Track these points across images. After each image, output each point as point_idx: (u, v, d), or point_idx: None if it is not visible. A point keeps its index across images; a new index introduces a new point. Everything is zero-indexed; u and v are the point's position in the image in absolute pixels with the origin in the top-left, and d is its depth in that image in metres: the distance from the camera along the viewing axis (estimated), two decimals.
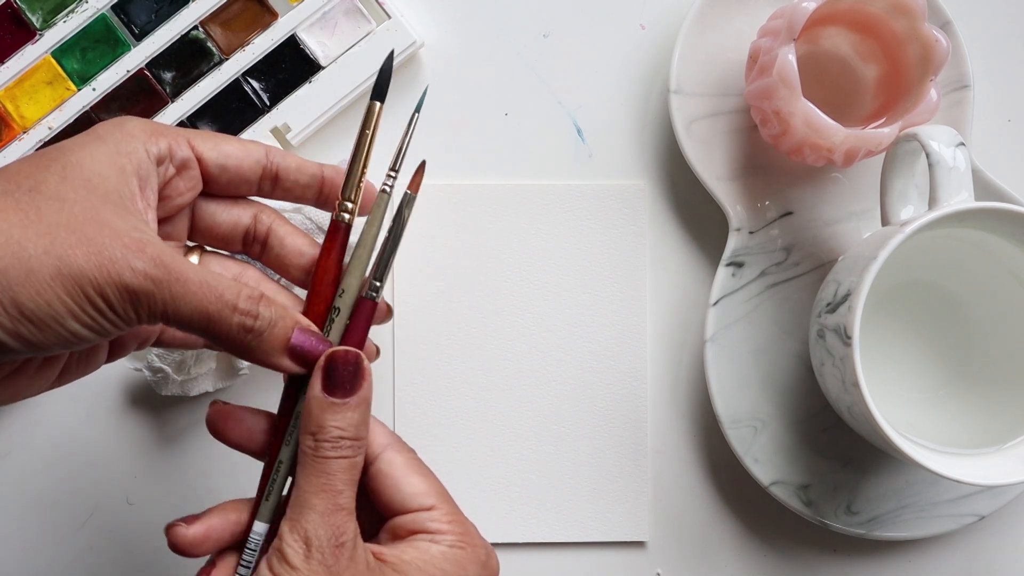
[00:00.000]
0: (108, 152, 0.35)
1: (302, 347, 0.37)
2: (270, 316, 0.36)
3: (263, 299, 0.36)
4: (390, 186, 0.40)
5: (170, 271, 0.34)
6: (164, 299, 0.34)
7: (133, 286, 0.33)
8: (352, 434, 0.37)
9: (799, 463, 0.51)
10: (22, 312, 0.32)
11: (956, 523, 0.51)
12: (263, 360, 0.37)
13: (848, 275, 0.45)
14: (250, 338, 0.36)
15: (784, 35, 0.45)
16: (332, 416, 0.37)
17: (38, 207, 0.33)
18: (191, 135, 0.38)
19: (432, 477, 0.40)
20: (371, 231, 0.40)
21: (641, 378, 0.52)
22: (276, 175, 0.40)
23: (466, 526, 0.39)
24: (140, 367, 0.50)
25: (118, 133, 0.36)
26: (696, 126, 0.51)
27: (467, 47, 0.53)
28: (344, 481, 0.37)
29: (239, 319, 0.35)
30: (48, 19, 0.52)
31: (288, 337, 0.37)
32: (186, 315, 0.34)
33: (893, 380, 0.50)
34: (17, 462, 0.52)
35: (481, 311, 0.52)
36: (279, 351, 0.37)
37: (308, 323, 0.38)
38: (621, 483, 0.52)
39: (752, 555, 0.53)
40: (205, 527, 0.39)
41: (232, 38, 0.52)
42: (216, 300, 0.35)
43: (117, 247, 0.33)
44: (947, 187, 0.44)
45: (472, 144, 0.53)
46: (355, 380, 0.37)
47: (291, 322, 0.37)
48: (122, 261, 0.33)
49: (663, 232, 0.53)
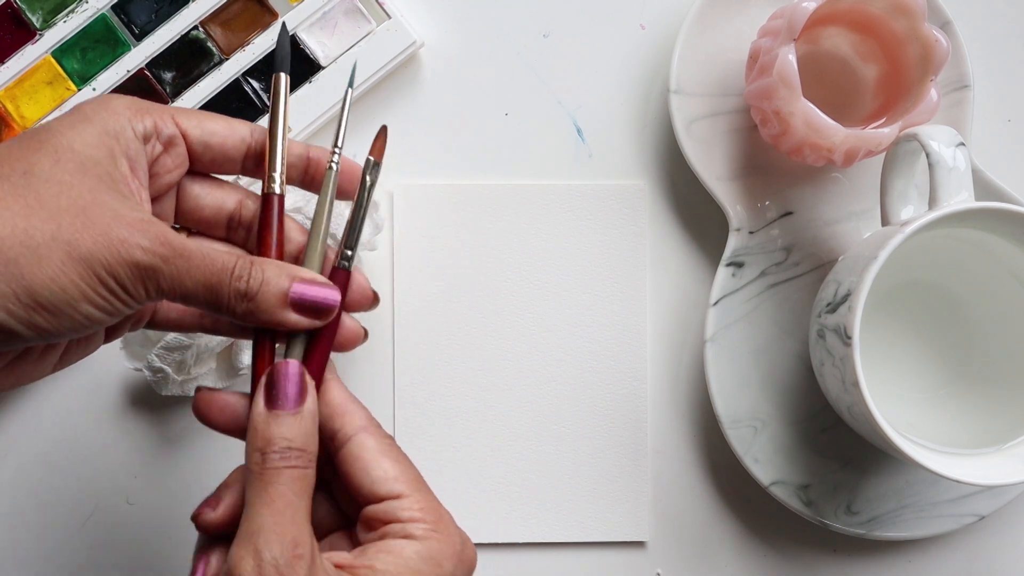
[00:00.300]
0: (96, 133, 0.35)
1: (302, 296, 0.37)
2: (261, 276, 0.36)
3: (255, 262, 0.36)
4: (335, 162, 0.39)
5: (174, 247, 0.34)
6: (171, 274, 0.34)
7: (144, 264, 0.34)
8: (300, 444, 0.36)
9: (799, 463, 0.51)
10: (37, 301, 0.33)
11: (956, 523, 0.51)
12: (268, 320, 0.36)
13: (848, 275, 0.45)
14: (247, 302, 0.36)
15: (784, 35, 0.45)
16: (278, 428, 0.36)
17: (37, 192, 0.33)
18: (175, 112, 0.38)
19: (406, 463, 0.38)
20: (321, 209, 0.39)
21: (641, 378, 0.52)
22: (260, 154, 0.39)
23: (439, 513, 0.38)
24: (140, 367, 0.50)
25: (104, 112, 0.36)
26: (696, 126, 0.51)
27: (467, 47, 0.53)
28: (296, 492, 0.35)
29: (235, 285, 0.36)
30: (48, 19, 0.52)
31: (285, 291, 0.36)
32: (191, 288, 0.35)
33: (893, 380, 0.50)
34: (17, 462, 0.52)
35: (481, 311, 0.52)
36: (279, 307, 0.36)
37: (310, 274, 0.37)
38: (621, 483, 0.52)
39: (752, 555, 0.53)
40: (229, 507, 0.38)
41: (232, 38, 0.52)
42: (218, 270, 0.35)
43: (122, 227, 0.34)
44: (947, 187, 0.44)
45: (472, 144, 0.53)
46: (299, 392, 0.36)
47: (286, 277, 0.37)
48: (130, 240, 0.33)
49: (663, 232, 0.53)
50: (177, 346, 0.49)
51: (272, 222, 0.39)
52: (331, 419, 0.38)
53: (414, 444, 0.52)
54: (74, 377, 0.52)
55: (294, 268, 0.37)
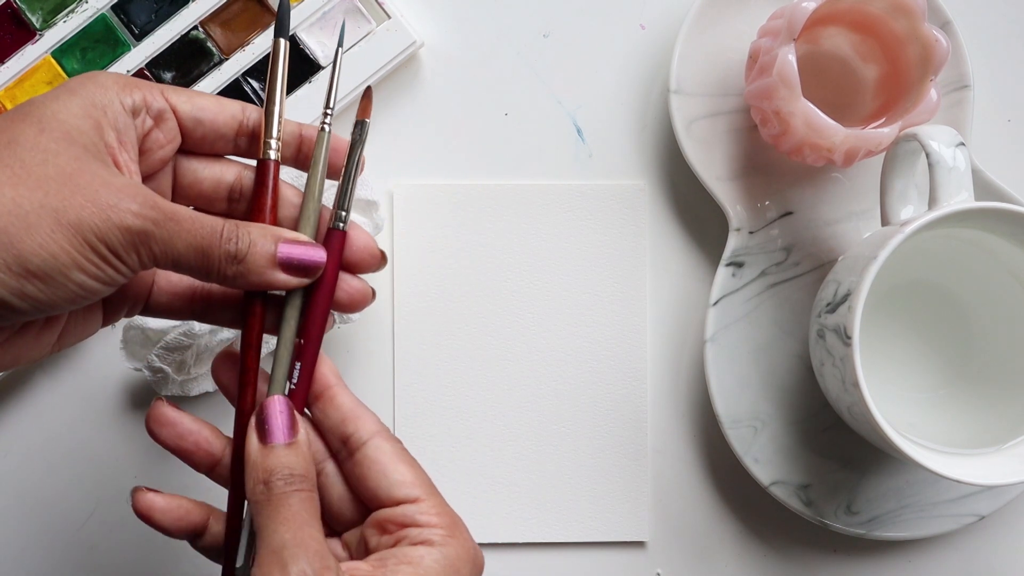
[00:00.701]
0: (82, 104, 0.35)
1: (289, 256, 0.37)
2: (249, 237, 0.36)
3: (240, 225, 0.37)
4: (327, 123, 0.40)
5: (164, 211, 0.34)
6: (163, 238, 0.34)
7: (135, 228, 0.34)
8: (302, 471, 0.37)
9: (799, 463, 0.51)
10: (27, 269, 0.32)
11: (956, 523, 0.51)
12: (257, 282, 0.37)
13: (848, 275, 0.45)
14: (237, 265, 0.36)
15: (784, 35, 0.45)
16: (277, 459, 0.36)
17: (22, 160, 0.33)
18: (164, 88, 0.38)
19: (420, 468, 0.39)
20: (314, 173, 0.40)
21: (641, 378, 0.52)
22: (252, 132, 0.39)
23: (454, 519, 0.38)
24: (140, 367, 0.50)
25: (91, 85, 0.36)
26: (696, 126, 0.51)
27: (467, 47, 0.53)
28: (308, 512, 0.36)
29: (224, 247, 0.36)
30: (48, 19, 0.52)
31: (273, 253, 0.37)
32: (182, 252, 0.35)
33: (893, 380, 0.50)
34: (17, 462, 0.52)
35: (481, 311, 0.52)
36: (268, 267, 0.37)
37: (295, 235, 0.38)
38: (621, 483, 0.52)
39: (752, 555, 0.53)
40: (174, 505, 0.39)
41: (232, 38, 0.52)
42: (209, 234, 0.35)
43: (111, 193, 0.33)
44: (947, 187, 0.44)
45: (472, 144, 0.53)
46: (290, 424, 0.37)
47: (272, 238, 0.37)
48: (120, 205, 0.33)
49: (663, 232, 0.53)
50: (177, 346, 0.49)
51: (267, 187, 0.39)
52: (343, 423, 0.39)
53: (414, 444, 0.52)
54: (74, 377, 0.52)
55: (278, 230, 0.38)
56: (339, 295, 0.40)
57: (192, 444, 0.40)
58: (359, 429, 0.39)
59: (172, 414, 0.40)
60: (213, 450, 0.40)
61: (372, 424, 0.39)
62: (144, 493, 0.39)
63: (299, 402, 0.39)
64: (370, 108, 0.41)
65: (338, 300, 0.40)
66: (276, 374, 0.39)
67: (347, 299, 0.40)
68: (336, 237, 0.39)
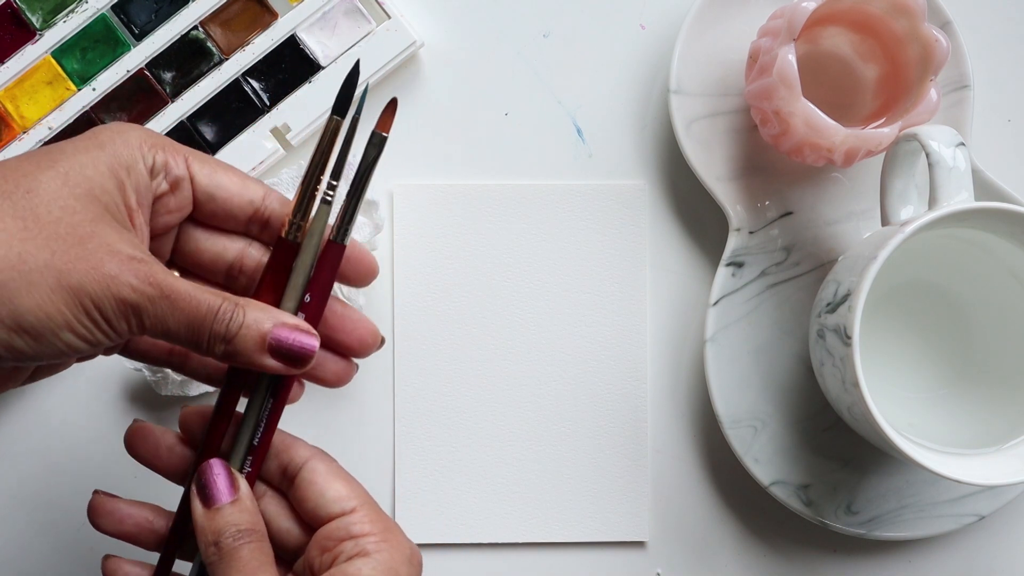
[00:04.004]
0: (108, 161, 0.36)
1: (280, 341, 0.37)
2: (242, 318, 0.36)
3: (239, 303, 0.36)
4: (331, 196, 0.39)
5: (161, 288, 0.35)
6: (155, 313, 0.35)
7: (130, 301, 0.34)
8: (248, 525, 0.37)
9: (799, 463, 0.51)
10: (20, 325, 0.33)
11: (956, 523, 0.51)
12: (246, 362, 0.37)
13: (848, 275, 0.45)
14: (226, 344, 0.36)
15: (784, 35, 0.45)
16: (223, 519, 0.37)
17: (36, 214, 0.34)
18: (190, 154, 0.38)
19: (354, 482, 0.40)
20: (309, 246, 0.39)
21: (641, 378, 0.52)
22: (267, 220, 0.39)
23: (388, 524, 0.39)
24: (140, 367, 0.50)
25: (119, 140, 0.36)
26: (696, 126, 0.51)
27: (467, 47, 0.53)
28: (260, 560, 0.37)
29: (216, 327, 0.36)
30: (48, 19, 0.52)
31: (264, 334, 0.36)
32: (173, 328, 0.35)
33: (893, 380, 0.50)
34: (17, 462, 0.52)
35: (481, 311, 0.52)
36: (257, 351, 0.37)
37: (293, 319, 0.37)
38: (621, 483, 0.52)
39: (752, 555, 0.53)
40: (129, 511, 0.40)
41: (232, 38, 0.52)
42: (204, 313, 0.36)
43: (115, 263, 0.34)
44: (947, 187, 0.44)
45: (472, 144, 0.53)
46: (229, 483, 0.38)
47: (267, 320, 0.37)
48: (120, 277, 0.34)
49: (663, 232, 0.53)
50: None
51: (282, 270, 0.38)
52: (277, 456, 0.40)
53: (414, 444, 0.52)
54: (74, 377, 0.52)
55: (278, 313, 0.37)
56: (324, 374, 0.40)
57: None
58: (293, 457, 0.40)
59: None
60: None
61: (305, 450, 0.40)
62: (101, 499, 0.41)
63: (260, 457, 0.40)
64: (392, 122, 0.39)
65: (324, 379, 0.40)
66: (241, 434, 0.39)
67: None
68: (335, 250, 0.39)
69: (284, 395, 0.39)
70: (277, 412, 0.39)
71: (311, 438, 0.52)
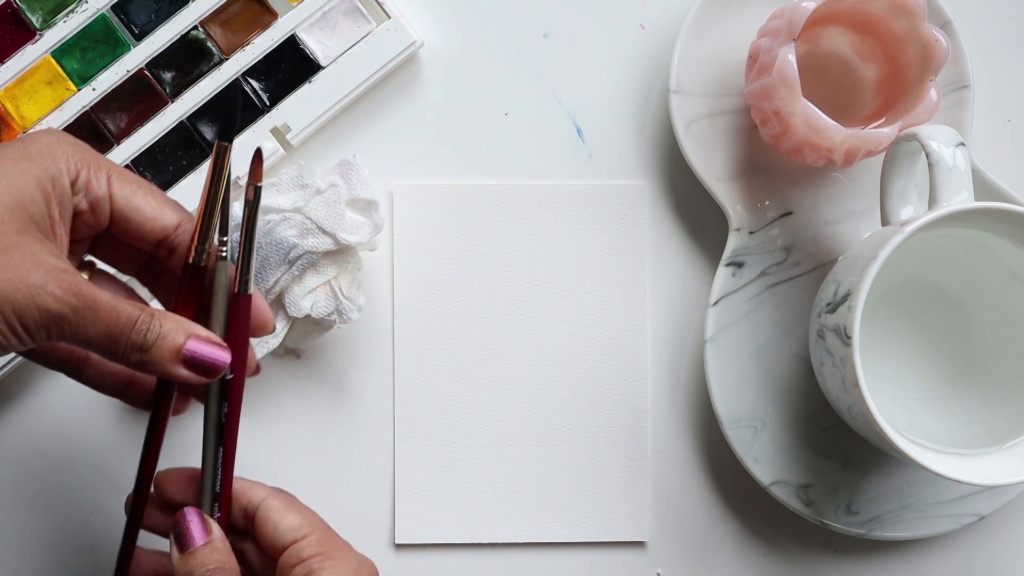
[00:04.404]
0: (36, 173, 0.37)
1: (194, 353, 0.39)
2: (159, 329, 0.38)
3: (156, 314, 0.38)
4: (224, 253, 0.41)
5: (84, 299, 0.36)
6: (76, 323, 0.37)
7: (54, 311, 0.36)
8: (219, 563, 0.40)
9: (799, 463, 0.51)
10: None
11: (956, 523, 0.51)
12: (160, 372, 0.39)
13: (848, 275, 0.45)
14: (141, 354, 0.38)
15: (784, 35, 0.45)
16: (195, 561, 0.40)
17: None
18: (113, 172, 0.40)
19: (306, 512, 0.43)
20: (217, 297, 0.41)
21: (641, 378, 0.52)
22: (175, 247, 0.41)
23: (336, 543, 0.42)
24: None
25: (47, 154, 0.38)
26: (696, 126, 0.51)
27: (467, 47, 0.53)
28: None
29: (132, 337, 0.38)
30: (48, 19, 0.52)
31: (179, 347, 0.39)
32: (92, 336, 0.37)
33: (893, 380, 0.50)
34: (17, 462, 0.52)
35: (481, 311, 0.52)
36: (171, 361, 0.39)
37: (205, 332, 0.40)
38: (621, 483, 0.52)
39: (752, 555, 0.53)
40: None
41: (232, 38, 0.52)
42: (123, 323, 0.37)
43: (39, 273, 0.36)
44: (947, 187, 0.44)
45: (472, 144, 0.53)
46: (202, 528, 0.41)
47: (182, 333, 0.39)
48: (44, 287, 0.36)
49: (663, 232, 0.53)
50: None
51: (196, 288, 0.41)
52: (237, 500, 0.43)
53: (414, 444, 0.52)
54: None
55: (192, 325, 0.39)
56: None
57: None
58: (251, 499, 0.43)
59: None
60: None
61: (262, 491, 0.43)
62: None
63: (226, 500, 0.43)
64: (261, 171, 0.42)
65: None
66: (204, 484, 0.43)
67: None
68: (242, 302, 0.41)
69: (233, 439, 0.42)
70: (229, 456, 0.42)
71: (311, 439, 0.52)
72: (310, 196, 0.49)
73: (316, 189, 0.49)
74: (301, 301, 0.48)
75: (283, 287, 0.48)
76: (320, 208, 0.48)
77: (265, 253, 0.48)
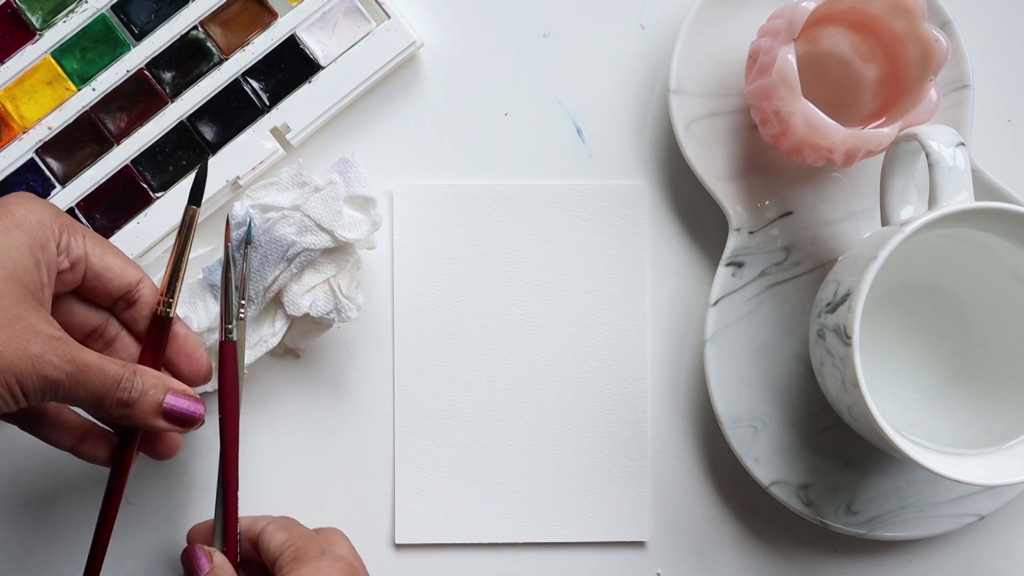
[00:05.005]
0: (27, 241, 0.40)
1: (172, 407, 0.43)
2: (141, 386, 0.42)
3: (137, 372, 0.42)
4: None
5: (77, 363, 0.40)
6: (70, 387, 0.40)
7: (52, 378, 0.39)
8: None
9: (799, 463, 0.51)
10: None
11: (956, 523, 0.51)
12: (142, 424, 0.43)
13: (848, 275, 0.45)
14: (124, 409, 0.42)
15: (784, 35, 0.45)
16: None
17: None
18: (86, 235, 0.43)
19: (296, 529, 0.47)
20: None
21: (641, 378, 0.52)
22: (134, 302, 0.45)
23: (305, 542, 0.45)
24: None
25: (33, 220, 0.41)
26: (696, 126, 0.51)
27: (467, 47, 0.53)
28: None
29: (118, 394, 0.41)
30: (48, 19, 0.52)
31: (160, 402, 0.43)
32: (82, 396, 0.41)
33: (893, 380, 0.50)
34: (17, 462, 0.52)
35: (481, 311, 0.52)
36: (152, 415, 0.43)
37: (181, 386, 0.44)
38: (621, 483, 0.52)
39: (752, 555, 0.53)
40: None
41: (232, 38, 0.52)
42: (109, 383, 0.41)
43: (39, 343, 0.39)
44: (947, 187, 0.44)
45: (472, 144, 0.53)
46: (204, 558, 0.45)
47: (162, 389, 0.43)
48: (44, 356, 0.39)
49: (663, 232, 0.53)
50: None
51: (163, 341, 0.45)
52: (246, 534, 0.47)
53: (414, 444, 0.52)
54: None
55: (170, 380, 0.44)
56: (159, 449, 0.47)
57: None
58: (255, 529, 0.47)
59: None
60: None
61: (263, 521, 0.47)
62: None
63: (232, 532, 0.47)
64: (230, 232, 0.47)
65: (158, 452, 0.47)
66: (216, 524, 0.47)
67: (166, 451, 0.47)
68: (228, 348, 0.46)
69: (233, 475, 0.46)
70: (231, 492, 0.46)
71: (310, 440, 0.52)
72: (309, 194, 0.49)
73: (315, 187, 0.49)
74: (300, 300, 0.48)
75: (282, 285, 0.48)
76: (318, 205, 0.48)
77: (264, 251, 0.48)
